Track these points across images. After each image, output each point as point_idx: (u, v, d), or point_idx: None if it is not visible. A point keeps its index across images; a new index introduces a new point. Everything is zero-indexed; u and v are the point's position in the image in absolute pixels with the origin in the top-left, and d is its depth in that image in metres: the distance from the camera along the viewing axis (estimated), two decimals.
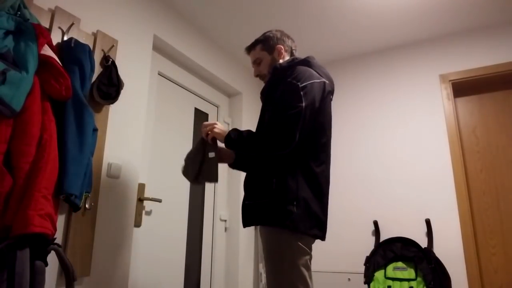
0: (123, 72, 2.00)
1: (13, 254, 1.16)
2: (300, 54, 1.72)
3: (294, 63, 1.58)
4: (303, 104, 1.39)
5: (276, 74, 1.57)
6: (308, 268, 1.39)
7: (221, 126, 1.57)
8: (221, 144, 1.58)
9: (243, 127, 3.04)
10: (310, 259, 1.42)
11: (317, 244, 2.79)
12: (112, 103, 1.81)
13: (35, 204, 1.23)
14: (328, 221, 2.84)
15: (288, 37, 1.73)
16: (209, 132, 1.56)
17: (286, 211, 1.36)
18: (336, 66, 3.15)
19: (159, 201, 2.17)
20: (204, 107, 2.86)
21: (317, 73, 1.54)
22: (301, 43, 2.86)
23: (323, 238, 1.47)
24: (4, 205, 1.22)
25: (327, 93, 1.52)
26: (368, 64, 3.04)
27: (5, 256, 1.15)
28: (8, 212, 1.22)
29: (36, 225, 1.20)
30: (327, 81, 1.54)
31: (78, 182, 1.48)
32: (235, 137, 1.47)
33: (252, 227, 2.92)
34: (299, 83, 1.43)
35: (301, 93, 1.41)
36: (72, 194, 1.44)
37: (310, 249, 1.43)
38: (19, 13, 1.39)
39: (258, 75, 1.72)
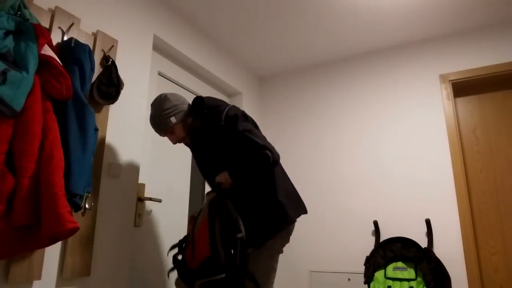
0: (123, 72, 2.00)
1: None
2: (300, 55, 1.71)
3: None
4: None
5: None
6: None
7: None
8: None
9: None
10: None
11: (317, 244, 2.82)
12: (112, 103, 1.81)
13: (62, 202, 1.27)
14: (328, 221, 2.85)
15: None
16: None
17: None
18: (335, 67, 3.15)
19: (159, 201, 2.17)
20: None
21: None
22: (300, 44, 2.88)
23: None
24: (8, 204, 1.22)
25: None
26: (368, 64, 3.03)
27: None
28: (20, 211, 1.23)
29: (70, 221, 1.25)
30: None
31: (82, 182, 1.47)
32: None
33: None
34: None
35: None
36: (76, 194, 1.44)
37: None
38: (19, 13, 1.39)
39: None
